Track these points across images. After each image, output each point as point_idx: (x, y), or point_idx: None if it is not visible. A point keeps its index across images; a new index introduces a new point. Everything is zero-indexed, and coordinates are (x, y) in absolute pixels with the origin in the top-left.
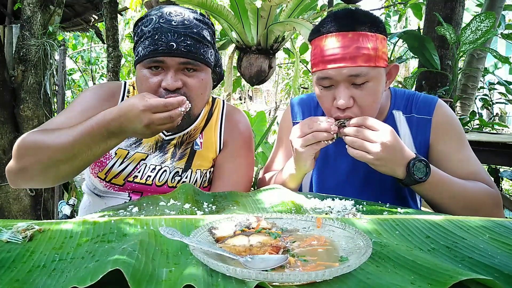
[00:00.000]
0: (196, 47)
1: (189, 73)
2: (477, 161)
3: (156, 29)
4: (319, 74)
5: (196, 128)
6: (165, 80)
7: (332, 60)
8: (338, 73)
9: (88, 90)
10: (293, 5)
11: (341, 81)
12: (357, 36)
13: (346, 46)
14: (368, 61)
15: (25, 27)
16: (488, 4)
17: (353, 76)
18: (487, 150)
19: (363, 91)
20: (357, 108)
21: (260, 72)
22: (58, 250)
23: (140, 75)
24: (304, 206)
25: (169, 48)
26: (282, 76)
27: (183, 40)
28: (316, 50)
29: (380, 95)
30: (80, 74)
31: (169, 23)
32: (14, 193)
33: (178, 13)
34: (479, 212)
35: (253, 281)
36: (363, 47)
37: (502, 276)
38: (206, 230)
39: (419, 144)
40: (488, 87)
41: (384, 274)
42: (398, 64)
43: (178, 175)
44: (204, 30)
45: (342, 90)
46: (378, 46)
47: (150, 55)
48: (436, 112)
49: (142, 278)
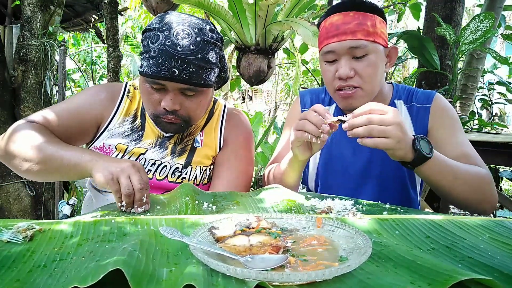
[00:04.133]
0: (197, 73)
1: (188, 96)
2: (470, 145)
3: (161, 52)
4: (324, 49)
5: (196, 126)
6: (165, 100)
7: (335, 35)
8: (340, 45)
9: (90, 89)
10: (291, 4)
11: (342, 54)
12: (357, 15)
13: (347, 23)
14: (367, 35)
15: (25, 27)
16: (488, 5)
17: (353, 48)
18: (486, 150)
19: (363, 63)
20: (358, 78)
21: (259, 72)
22: (58, 250)
23: (144, 88)
24: (304, 206)
25: (171, 74)
26: (282, 76)
27: (186, 68)
28: (322, 31)
29: (380, 70)
30: (80, 74)
31: (174, 47)
32: (15, 193)
33: (185, 35)
34: (476, 192)
35: (253, 281)
36: (363, 23)
37: (502, 276)
38: (206, 230)
39: (418, 130)
40: (487, 87)
41: (384, 274)
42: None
43: (178, 171)
44: (210, 52)
45: (343, 62)
46: (377, 25)
47: (152, 76)
48: (434, 101)
49: (142, 278)
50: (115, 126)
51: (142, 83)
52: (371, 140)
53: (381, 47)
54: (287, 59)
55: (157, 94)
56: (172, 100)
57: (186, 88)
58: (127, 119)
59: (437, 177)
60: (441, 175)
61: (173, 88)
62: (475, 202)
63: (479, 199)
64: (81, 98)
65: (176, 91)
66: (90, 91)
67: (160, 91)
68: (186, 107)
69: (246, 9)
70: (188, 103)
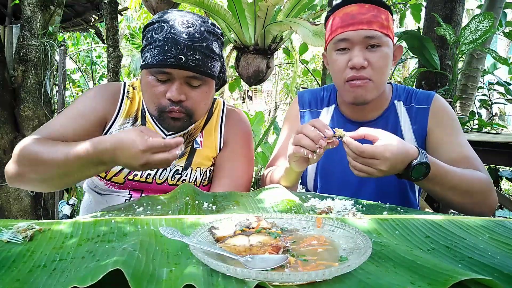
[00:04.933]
0: (204, 61)
1: (194, 85)
2: (469, 147)
3: (166, 40)
4: (338, 37)
5: (196, 128)
6: (170, 91)
7: (351, 24)
8: (356, 34)
9: (89, 91)
10: (291, 5)
11: (357, 43)
12: (373, 8)
13: (363, 13)
14: (381, 28)
15: (25, 27)
16: (488, 4)
17: (369, 38)
18: (486, 150)
19: (377, 54)
20: (370, 69)
21: (258, 72)
22: (58, 250)
23: (146, 81)
24: (304, 206)
25: (177, 61)
26: (281, 76)
27: (192, 54)
28: (334, 21)
29: (389, 65)
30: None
31: (180, 35)
32: (15, 193)
33: (189, 24)
34: (475, 198)
35: (253, 281)
36: (378, 16)
37: (502, 276)
38: (206, 230)
39: (417, 131)
40: (487, 87)
41: (384, 274)
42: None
43: (178, 173)
44: (214, 43)
45: (357, 51)
46: (390, 20)
47: (158, 65)
48: (433, 103)
49: (142, 278)
50: (116, 129)
51: (145, 77)
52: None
53: (391, 42)
54: (287, 59)
55: (162, 86)
56: (177, 90)
57: (192, 76)
58: (127, 120)
59: (434, 187)
60: (437, 186)
61: (179, 76)
62: (472, 207)
63: (478, 204)
64: (83, 103)
65: (182, 81)
66: (90, 93)
67: (166, 82)
68: (191, 97)
69: (246, 9)
70: (194, 93)
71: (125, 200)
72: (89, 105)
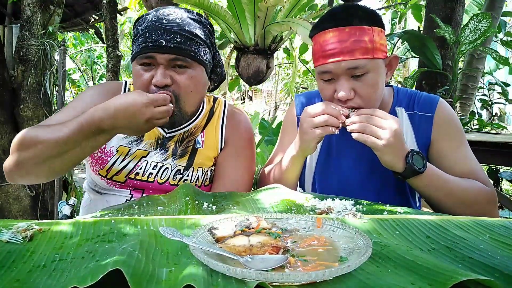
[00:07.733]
0: (186, 44)
1: (179, 70)
2: (475, 160)
3: (148, 28)
4: (319, 68)
5: (196, 126)
6: (155, 76)
7: (331, 55)
8: (337, 66)
9: (89, 89)
10: (290, 5)
11: (340, 74)
12: (354, 30)
13: (343, 41)
14: (365, 53)
15: (25, 27)
16: (488, 4)
17: (352, 69)
18: (487, 150)
19: (363, 83)
20: (358, 98)
21: (258, 72)
22: (58, 250)
23: (134, 71)
24: (304, 206)
25: (158, 45)
26: (282, 76)
27: (173, 38)
28: (316, 46)
29: (381, 86)
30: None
31: (161, 21)
32: (14, 193)
33: (171, 12)
34: (472, 209)
35: (253, 281)
36: (360, 40)
37: (503, 276)
38: (206, 230)
39: (421, 140)
40: (487, 87)
41: (384, 274)
42: (397, 55)
43: (180, 173)
44: (198, 29)
45: (342, 83)
46: (375, 38)
47: (141, 51)
48: (438, 110)
49: (142, 278)
50: None
51: (133, 68)
52: (361, 135)
53: (380, 61)
54: (287, 59)
55: (148, 73)
56: (162, 74)
57: (175, 58)
58: None
59: (429, 191)
60: (433, 190)
61: (162, 60)
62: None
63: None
64: (83, 100)
65: (166, 65)
66: (90, 91)
67: (151, 68)
68: (177, 81)
69: (246, 10)
70: (179, 77)
71: (126, 200)
72: (90, 102)
